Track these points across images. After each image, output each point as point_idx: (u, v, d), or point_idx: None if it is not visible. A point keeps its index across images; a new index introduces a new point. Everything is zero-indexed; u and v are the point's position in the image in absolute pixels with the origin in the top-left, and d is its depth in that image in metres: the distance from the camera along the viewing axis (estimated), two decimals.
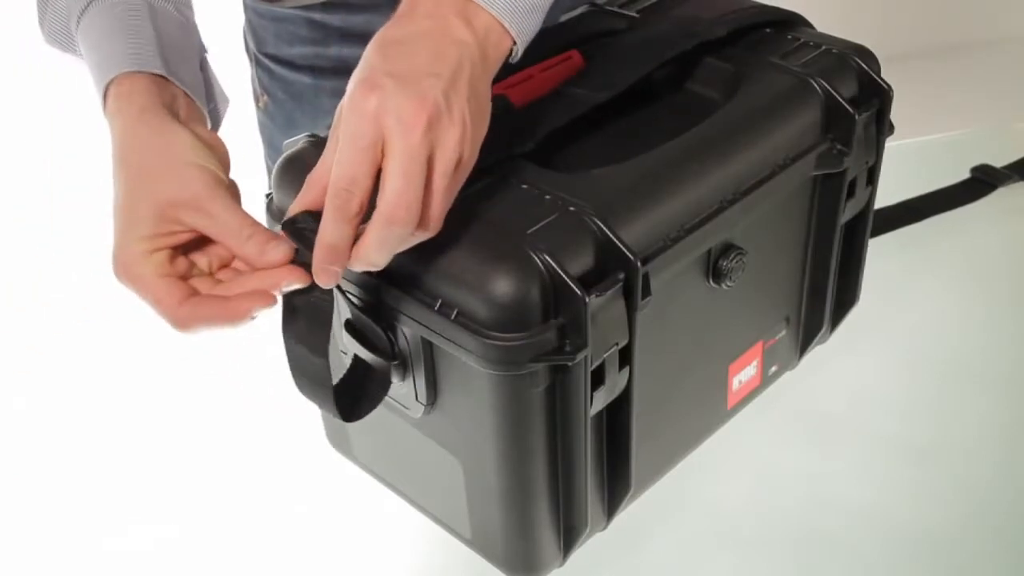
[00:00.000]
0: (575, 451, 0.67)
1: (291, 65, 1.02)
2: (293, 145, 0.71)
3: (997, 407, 0.88)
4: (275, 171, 0.71)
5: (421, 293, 0.63)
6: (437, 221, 0.59)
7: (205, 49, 0.79)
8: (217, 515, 0.84)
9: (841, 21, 1.10)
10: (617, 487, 0.72)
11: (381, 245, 0.58)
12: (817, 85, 0.75)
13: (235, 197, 0.65)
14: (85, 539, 0.84)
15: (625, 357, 0.65)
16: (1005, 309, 0.98)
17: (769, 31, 0.81)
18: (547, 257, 0.60)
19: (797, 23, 0.83)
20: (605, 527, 0.75)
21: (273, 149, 1.09)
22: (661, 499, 0.78)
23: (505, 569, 0.73)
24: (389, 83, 0.57)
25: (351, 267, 0.59)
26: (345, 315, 0.68)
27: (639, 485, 0.74)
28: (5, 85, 2.41)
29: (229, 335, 0.62)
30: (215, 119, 0.78)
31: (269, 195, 0.72)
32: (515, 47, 0.63)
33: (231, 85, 0.84)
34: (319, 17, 0.97)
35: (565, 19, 0.84)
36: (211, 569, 0.81)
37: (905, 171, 1.03)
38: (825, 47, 0.78)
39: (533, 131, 0.69)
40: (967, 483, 0.82)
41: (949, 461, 0.84)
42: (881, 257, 0.92)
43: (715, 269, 0.72)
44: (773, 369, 0.85)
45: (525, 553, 0.71)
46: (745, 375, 0.81)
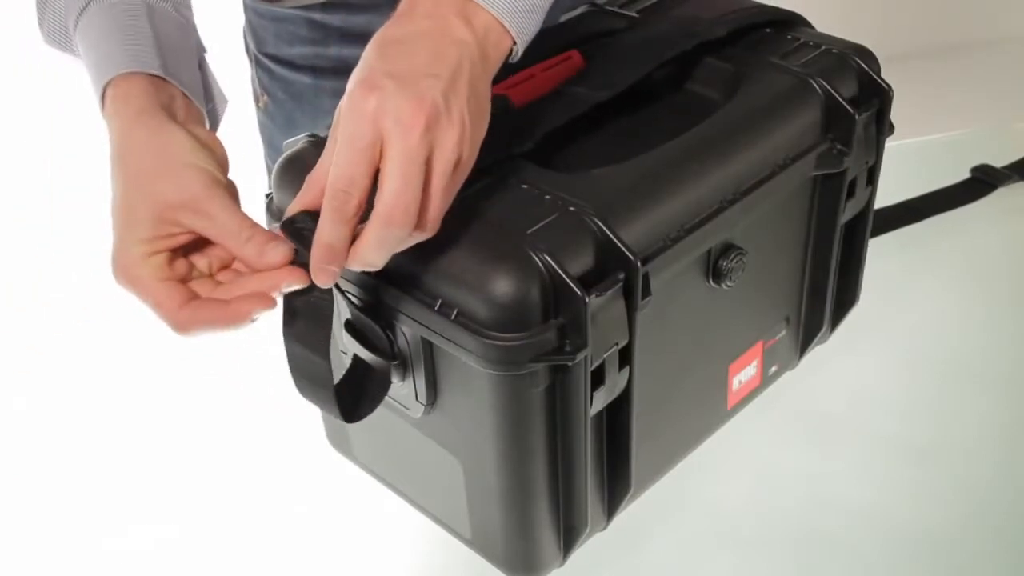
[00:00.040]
0: (575, 451, 0.67)
1: (291, 65, 1.02)
2: (293, 145, 0.71)
3: (997, 407, 0.88)
4: (275, 171, 0.71)
5: (421, 293, 0.63)
6: (435, 222, 0.59)
7: (204, 49, 0.79)
8: (217, 515, 0.84)
9: (841, 21, 1.10)
10: (617, 487, 0.72)
11: (379, 246, 0.58)
12: (817, 85, 0.75)
13: (234, 198, 0.65)
14: (85, 539, 0.84)
15: (625, 357, 0.65)
16: (1005, 309, 0.98)
17: (769, 31, 0.81)
18: (547, 257, 0.60)
19: (797, 23, 0.83)
20: (605, 527, 0.75)
21: (273, 149, 1.09)
22: (661, 499, 0.78)
23: (505, 569, 0.73)
24: (388, 83, 0.57)
25: (349, 267, 0.59)
26: (345, 315, 0.68)
27: (639, 485, 0.74)
28: (5, 85, 2.41)
29: (229, 336, 0.62)
30: (213, 119, 0.78)
31: (269, 195, 0.72)
32: (515, 47, 0.63)
33: (231, 85, 0.84)
34: (319, 17, 0.97)
35: (565, 19, 0.84)
36: (211, 569, 0.81)
37: (905, 171, 1.03)
38: (825, 47, 0.78)
39: (533, 131, 0.69)
40: (967, 483, 0.82)
41: (949, 461, 0.84)
42: (881, 257, 0.92)
43: (715, 269, 0.72)
44: (773, 369, 0.85)
45: (525, 553, 0.71)
46: (745, 375, 0.81)
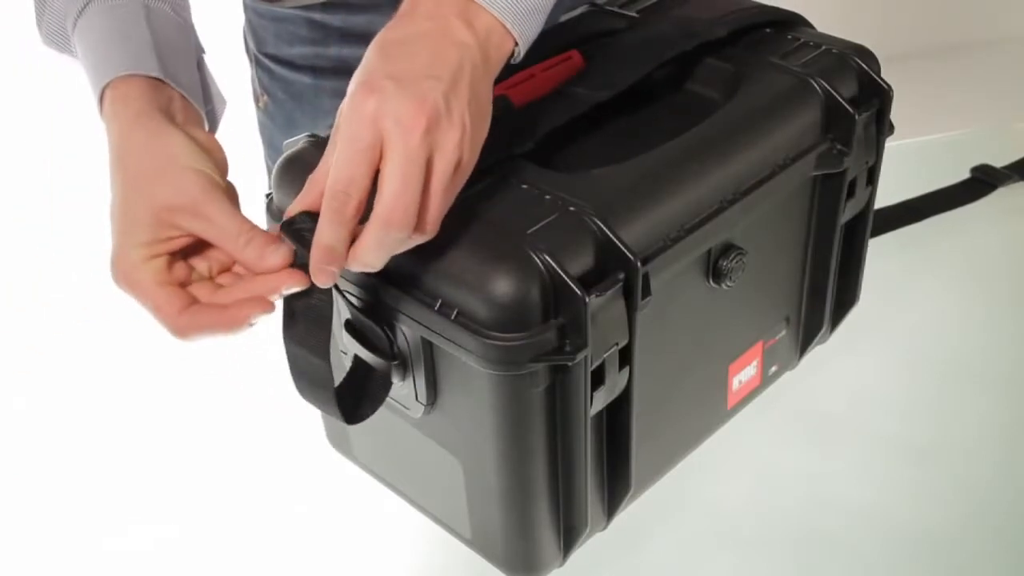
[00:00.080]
0: (575, 451, 0.67)
1: (291, 65, 1.02)
2: (293, 145, 0.71)
3: (997, 407, 0.88)
4: (275, 171, 0.71)
5: (421, 293, 0.63)
6: (434, 224, 0.59)
7: (203, 50, 0.79)
8: (217, 515, 0.84)
9: (841, 21, 1.10)
10: (617, 487, 0.72)
11: (378, 247, 0.57)
12: (817, 85, 0.75)
13: (233, 200, 0.65)
14: (85, 539, 0.84)
15: (625, 357, 0.65)
16: (1005, 309, 0.98)
17: (769, 31, 0.81)
18: (547, 257, 0.60)
19: (797, 23, 0.83)
20: (605, 527, 0.75)
21: (273, 149, 1.09)
22: (661, 499, 0.78)
23: (505, 569, 0.73)
24: (389, 85, 0.57)
25: (348, 268, 0.59)
26: (345, 315, 0.68)
27: (639, 485, 0.74)
28: (5, 85, 2.41)
29: (229, 340, 0.62)
30: (212, 121, 0.77)
31: (269, 195, 0.72)
32: (517, 49, 0.63)
33: (231, 85, 0.83)
34: (319, 17, 0.97)
35: (565, 19, 0.84)
36: (211, 569, 0.81)
37: (905, 171, 1.03)
38: (825, 47, 0.78)
39: (533, 131, 0.69)
40: (967, 483, 0.82)
41: (949, 461, 0.84)
42: (881, 257, 0.92)
43: (715, 269, 0.72)
44: (773, 369, 0.85)
45: (525, 553, 0.71)
46: (745, 375, 0.81)
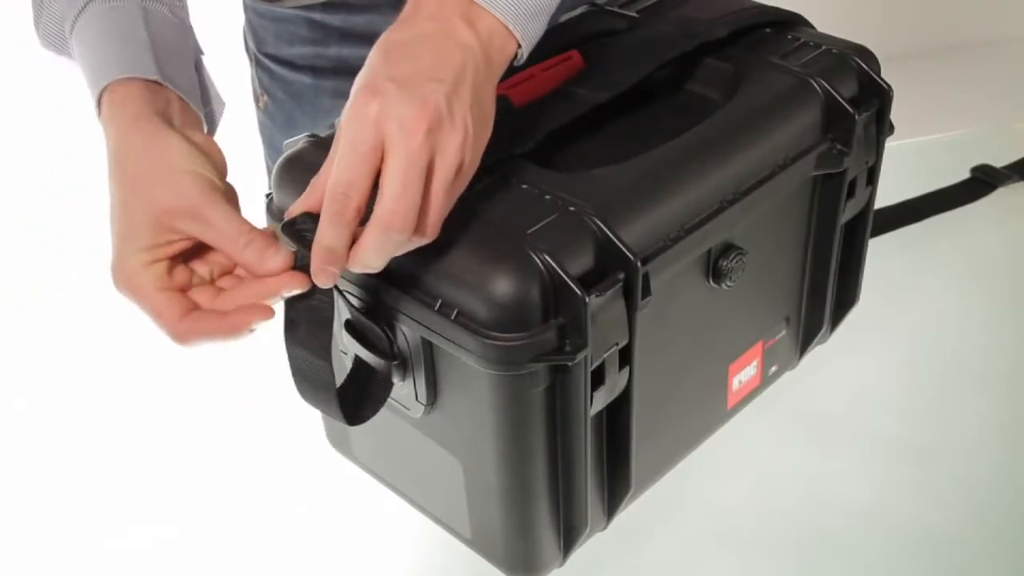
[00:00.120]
0: (575, 451, 0.67)
1: (291, 65, 1.02)
2: (293, 145, 0.71)
3: (997, 407, 0.88)
4: (275, 171, 0.71)
5: (421, 293, 0.63)
6: (435, 227, 0.59)
7: (201, 51, 0.79)
8: (217, 515, 0.84)
9: (841, 21, 1.10)
10: (617, 487, 0.72)
11: (378, 249, 0.57)
12: (817, 85, 0.75)
13: (232, 202, 0.65)
14: (85, 539, 0.84)
15: (625, 357, 0.65)
16: (1005, 309, 0.98)
17: (769, 31, 0.81)
18: (547, 257, 0.60)
19: (797, 23, 0.83)
20: (605, 527, 0.75)
21: (273, 149, 1.09)
22: (661, 499, 0.78)
23: (505, 569, 0.73)
24: (391, 88, 0.57)
25: (349, 269, 0.59)
26: (345, 315, 0.68)
27: (639, 485, 0.74)
28: (5, 85, 2.41)
29: (229, 346, 0.62)
30: (211, 123, 0.77)
31: (269, 195, 0.72)
32: (520, 51, 0.63)
33: (231, 85, 0.83)
34: (319, 17, 0.97)
35: (565, 19, 0.84)
36: (211, 569, 0.81)
37: (905, 171, 1.03)
38: (825, 47, 0.78)
39: (533, 131, 0.69)
40: (967, 483, 0.82)
41: (949, 461, 0.84)
42: (881, 257, 0.92)
43: (715, 269, 0.72)
44: (773, 369, 0.85)
45: (525, 553, 0.71)
46: (745, 375, 0.81)
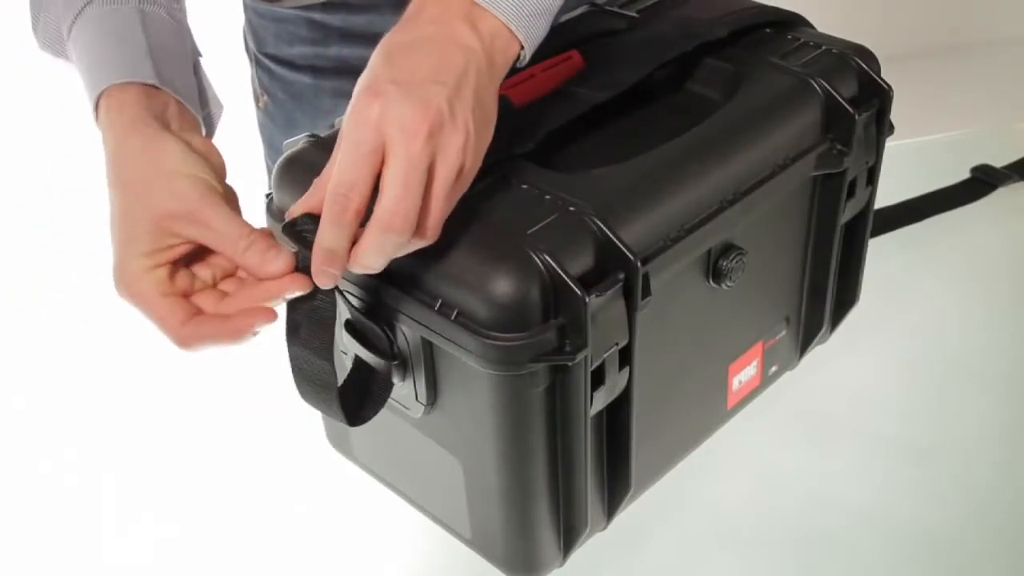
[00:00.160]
0: (575, 451, 0.67)
1: (291, 65, 1.02)
2: (293, 145, 0.71)
3: (997, 407, 0.88)
4: (275, 171, 0.71)
5: (421, 293, 0.63)
6: (435, 229, 0.59)
7: (199, 53, 0.79)
8: (217, 515, 0.84)
9: (841, 21, 1.10)
10: (617, 487, 0.72)
11: (377, 251, 0.57)
12: (817, 85, 0.75)
13: (232, 204, 0.65)
14: (85, 539, 0.84)
15: (625, 357, 0.65)
16: (1005, 309, 0.98)
17: (769, 31, 0.81)
18: (547, 257, 0.60)
19: (797, 23, 0.83)
20: (605, 527, 0.75)
21: (273, 149, 1.09)
22: (661, 499, 0.78)
23: (505, 569, 0.73)
24: (392, 90, 0.57)
25: (349, 269, 0.59)
26: (345, 315, 0.68)
27: (639, 485, 0.74)
28: (5, 85, 2.41)
29: (233, 350, 0.62)
30: (209, 126, 0.77)
31: (269, 195, 0.72)
32: (523, 52, 0.62)
33: (231, 85, 0.83)
34: (319, 17, 0.97)
35: (565, 19, 0.84)
36: (211, 569, 0.81)
37: (905, 171, 1.03)
38: (825, 47, 0.78)
39: (533, 131, 0.69)
40: (967, 483, 0.82)
41: (949, 461, 0.84)
42: (881, 257, 0.92)
43: (715, 269, 0.72)
44: (773, 369, 0.85)
45: (525, 553, 0.71)
46: (745, 375, 0.81)
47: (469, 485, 0.71)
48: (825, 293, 0.84)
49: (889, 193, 0.99)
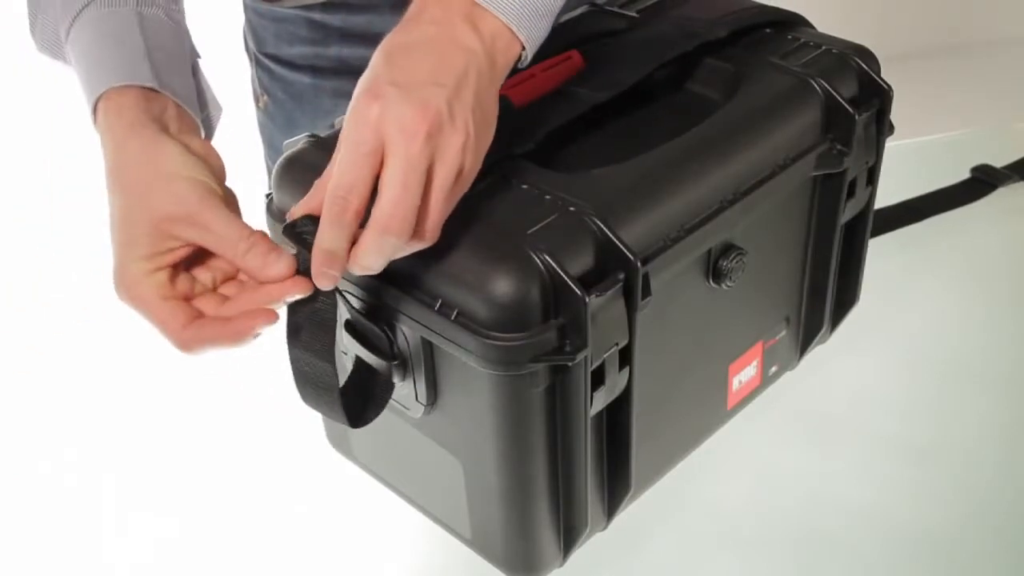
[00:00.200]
0: (575, 451, 0.67)
1: (291, 65, 1.02)
2: (293, 145, 0.71)
3: (997, 407, 0.88)
4: (275, 171, 0.71)
5: (421, 293, 0.63)
6: (434, 231, 0.58)
7: (198, 54, 0.79)
8: (217, 515, 0.84)
9: (841, 21, 1.10)
10: (617, 487, 0.72)
11: (376, 252, 0.57)
12: (817, 85, 0.75)
13: (232, 206, 0.65)
14: (85, 539, 0.84)
15: (625, 357, 0.65)
16: (1005, 309, 0.98)
17: (769, 31, 0.81)
18: (547, 257, 0.60)
19: (797, 23, 0.83)
20: (605, 527, 0.75)
21: (273, 149, 1.09)
22: (661, 499, 0.78)
23: (505, 569, 0.73)
24: (392, 91, 0.57)
25: (348, 271, 0.59)
26: (345, 316, 0.68)
27: (639, 485, 0.74)
28: (5, 85, 2.41)
29: (234, 352, 0.62)
30: (208, 128, 0.77)
31: (269, 195, 0.72)
32: (524, 53, 0.62)
33: (231, 85, 0.83)
34: (319, 17, 0.97)
35: (565, 19, 0.84)
36: (211, 569, 0.81)
37: (905, 171, 1.03)
38: (825, 47, 0.78)
39: (533, 131, 0.69)
40: (967, 483, 0.82)
41: (949, 461, 0.84)
42: (881, 257, 0.92)
43: (715, 269, 0.72)
44: (773, 369, 0.85)
45: (525, 553, 0.71)
46: (745, 375, 0.81)
47: (469, 485, 0.71)
48: (825, 293, 0.84)
49: (889, 193, 0.99)
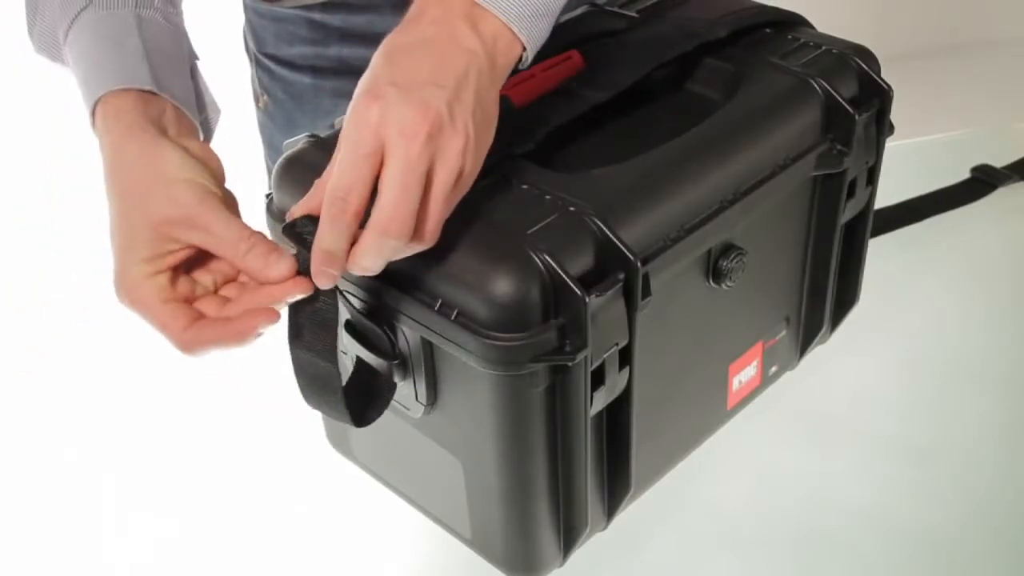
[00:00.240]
0: (575, 451, 0.67)
1: (291, 65, 1.02)
2: (293, 145, 0.71)
3: (997, 407, 0.88)
4: (275, 171, 0.71)
5: (421, 293, 0.63)
6: (433, 233, 0.58)
7: (196, 56, 0.79)
8: (217, 515, 0.84)
9: (841, 21, 1.10)
10: (617, 487, 0.72)
11: (375, 254, 0.57)
12: (817, 85, 0.75)
13: (231, 208, 0.65)
14: (85, 539, 0.84)
15: (625, 357, 0.65)
16: (1005, 309, 0.98)
17: (769, 31, 0.81)
18: (547, 257, 0.60)
19: (797, 23, 0.83)
20: (605, 527, 0.75)
21: (273, 149, 1.09)
22: (661, 499, 0.78)
23: (505, 569, 0.73)
24: (392, 92, 0.56)
25: (348, 271, 0.59)
26: (345, 316, 0.68)
27: (639, 485, 0.74)
28: (5, 85, 2.41)
29: (236, 352, 0.62)
30: (207, 130, 0.77)
31: (269, 195, 0.72)
32: (525, 53, 0.62)
33: (231, 85, 0.83)
34: (319, 17, 0.97)
35: (565, 19, 0.84)
36: (211, 569, 0.81)
37: (905, 171, 1.03)
38: (825, 47, 0.78)
39: (533, 131, 0.69)
40: (967, 483, 0.82)
41: (949, 461, 0.84)
42: (881, 257, 0.92)
43: (715, 269, 0.72)
44: (773, 369, 0.85)
45: (525, 553, 0.71)
46: (745, 375, 0.81)
47: (469, 485, 0.71)
48: (825, 293, 0.84)
49: (889, 193, 0.99)
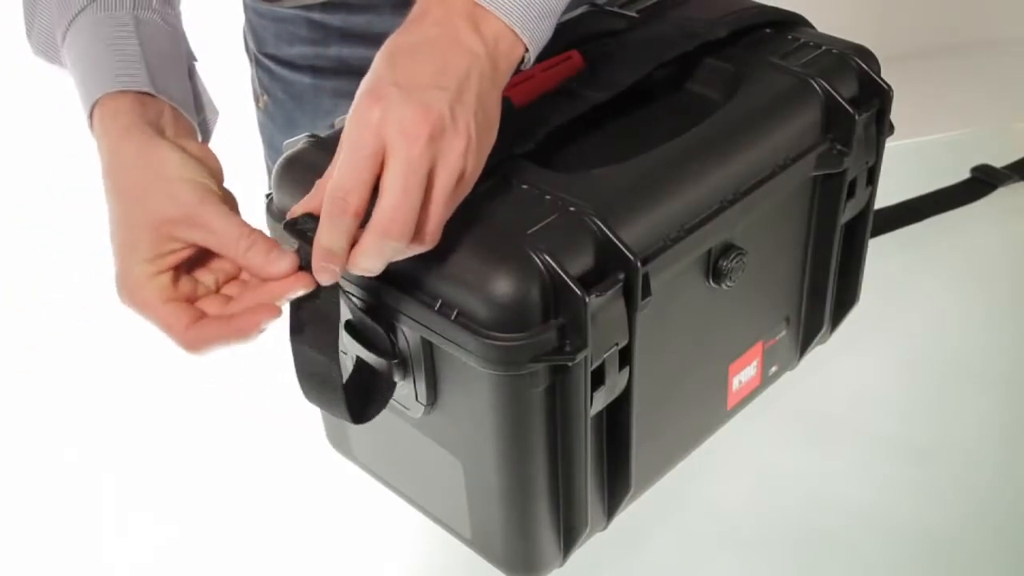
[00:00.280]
0: (575, 451, 0.67)
1: (291, 65, 1.02)
2: (293, 145, 0.71)
3: (997, 407, 0.88)
4: (275, 171, 0.71)
5: (421, 293, 0.63)
6: (434, 235, 0.58)
7: (194, 57, 0.79)
8: (217, 515, 0.84)
9: (841, 21, 1.10)
10: (617, 487, 0.72)
11: (375, 255, 0.57)
12: (817, 85, 0.75)
13: (231, 206, 0.65)
14: (85, 539, 0.84)
15: (625, 357, 0.65)
16: (1005, 309, 0.98)
17: (769, 31, 0.81)
18: (547, 257, 0.60)
19: (797, 23, 0.83)
20: (605, 527, 0.75)
21: (273, 149, 1.09)
22: (661, 499, 0.78)
23: (505, 569, 0.73)
24: (394, 93, 0.56)
25: (348, 271, 0.59)
26: (346, 315, 0.68)
27: (639, 485, 0.74)
28: (5, 85, 2.41)
29: (240, 349, 0.62)
30: (205, 131, 0.77)
31: (269, 195, 0.72)
32: (527, 55, 0.62)
33: (231, 85, 0.83)
34: (319, 17, 0.97)
35: (565, 19, 0.84)
36: (211, 569, 0.81)
37: (905, 171, 1.03)
38: (825, 47, 0.78)
39: (533, 131, 0.69)
40: (967, 483, 0.82)
41: (949, 461, 0.84)
42: (881, 257, 0.92)
43: (715, 269, 0.72)
44: (773, 369, 0.85)
45: (525, 553, 0.71)
46: (745, 375, 0.81)
47: (469, 485, 0.71)
48: (825, 293, 0.84)
49: (889, 193, 0.99)
